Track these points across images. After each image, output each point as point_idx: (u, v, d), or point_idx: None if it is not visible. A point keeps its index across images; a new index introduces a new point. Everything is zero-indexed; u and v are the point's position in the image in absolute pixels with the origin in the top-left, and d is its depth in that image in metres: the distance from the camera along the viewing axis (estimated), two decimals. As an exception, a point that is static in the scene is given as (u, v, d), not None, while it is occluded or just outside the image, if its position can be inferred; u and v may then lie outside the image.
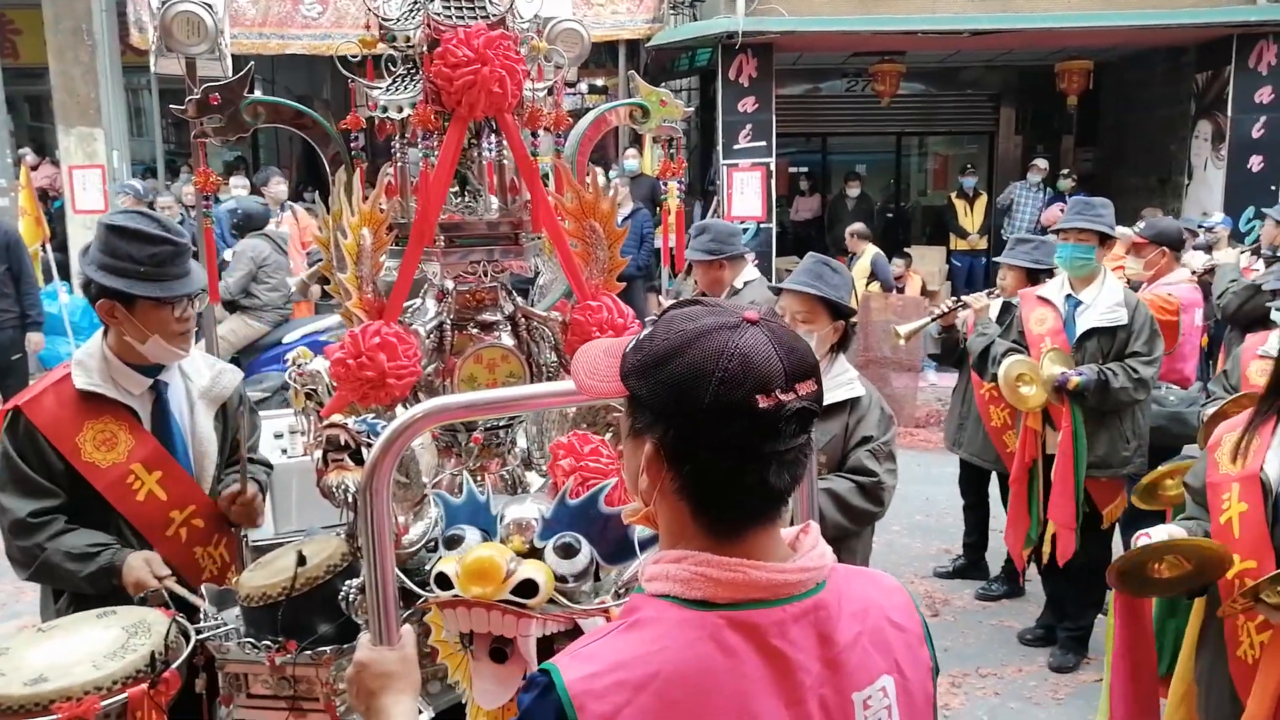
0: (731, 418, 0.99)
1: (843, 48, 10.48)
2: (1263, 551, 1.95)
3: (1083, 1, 9.45)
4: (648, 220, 9.26)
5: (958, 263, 10.76)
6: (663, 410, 1.03)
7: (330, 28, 9.77)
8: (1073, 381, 3.74)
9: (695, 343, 1.01)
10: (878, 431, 2.70)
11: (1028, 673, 4.12)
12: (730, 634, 1.01)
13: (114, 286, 2.17)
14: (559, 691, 0.98)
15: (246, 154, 13.90)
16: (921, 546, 5.48)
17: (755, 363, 1.00)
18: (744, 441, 1.01)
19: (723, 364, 0.99)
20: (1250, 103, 9.61)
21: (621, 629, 1.03)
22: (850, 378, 2.77)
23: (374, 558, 1.26)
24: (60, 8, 10.08)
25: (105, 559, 2.16)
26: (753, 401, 0.99)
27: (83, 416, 2.23)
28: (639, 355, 1.06)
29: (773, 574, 1.03)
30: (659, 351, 1.03)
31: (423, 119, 1.75)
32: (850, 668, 1.06)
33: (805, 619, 1.04)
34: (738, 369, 0.99)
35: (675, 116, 2.24)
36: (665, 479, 1.04)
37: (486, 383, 1.88)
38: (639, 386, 1.05)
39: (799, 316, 2.76)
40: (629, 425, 1.09)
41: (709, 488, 1.03)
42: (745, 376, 0.99)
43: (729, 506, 1.04)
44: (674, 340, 1.03)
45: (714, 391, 0.99)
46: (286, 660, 1.76)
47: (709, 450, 1.01)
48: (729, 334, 1.01)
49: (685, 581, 1.03)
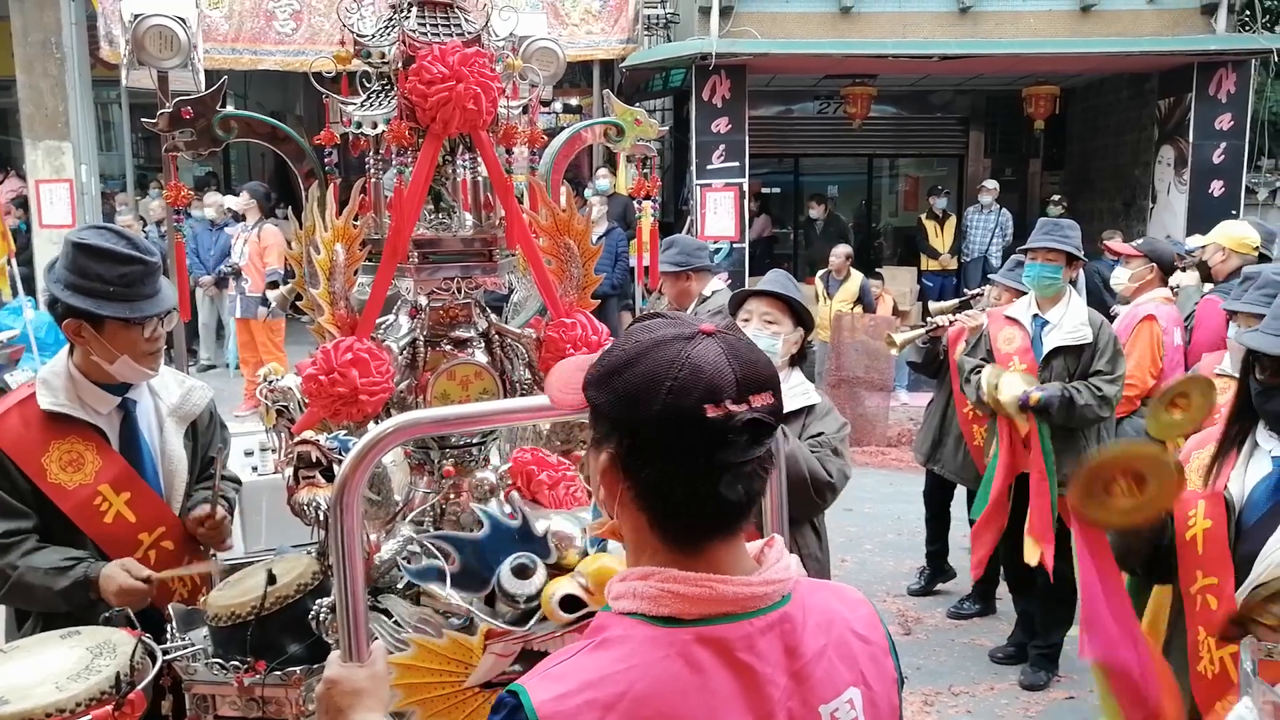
0: (681, 426, 1.00)
1: (815, 70, 10.62)
2: (1224, 568, 1.98)
3: (1049, 28, 9.67)
4: (622, 239, 9.30)
5: (929, 283, 10.89)
6: (617, 419, 1.04)
7: (304, 44, 9.74)
8: (1033, 398, 3.80)
9: (650, 352, 1.03)
10: (832, 430, 2.80)
11: (999, 690, 4.14)
12: (698, 650, 1.01)
13: (81, 307, 2.12)
14: (527, 713, 0.97)
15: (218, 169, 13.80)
16: (894, 565, 5.51)
17: (706, 372, 1.00)
18: (695, 451, 1.01)
19: (673, 373, 1.00)
20: (1211, 129, 9.84)
21: (589, 648, 1.03)
22: (807, 388, 2.87)
23: (344, 576, 1.25)
24: (29, 20, 9.98)
25: (80, 572, 2.11)
26: (701, 410, 0.99)
27: (48, 437, 2.18)
28: (598, 367, 1.08)
29: (739, 588, 1.03)
30: (616, 361, 1.05)
31: (397, 135, 1.75)
32: (816, 680, 1.06)
33: (772, 632, 1.04)
34: (688, 377, 1.00)
35: (650, 136, 2.26)
36: (622, 489, 1.05)
37: (459, 399, 1.88)
38: (596, 396, 1.06)
39: (766, 318, 2.86)
40: (592, 435, 1.10)
41: (664, 498, 1.04)
42: (695, 385, 0.99)
43: (686, 517, 1.04)
44: (631, 350, 1.04)
45: (664, 400, 0.99)
46: (255, 681, 1.74)
47: (660, 459, 1.02)
48: (683, 344, 1.02)
49: (653, 599, 1.03)
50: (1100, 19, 9.64)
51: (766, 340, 2.79)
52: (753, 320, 2.86)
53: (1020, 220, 11.54)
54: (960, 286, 10.56)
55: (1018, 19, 9.68)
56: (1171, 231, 9.67)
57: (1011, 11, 9.69)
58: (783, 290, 2.89)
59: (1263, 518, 1.96)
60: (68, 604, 2.10)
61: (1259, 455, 2.03)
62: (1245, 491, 2.01)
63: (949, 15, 9.67)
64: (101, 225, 2.27)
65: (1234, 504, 2.02)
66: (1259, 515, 1.97)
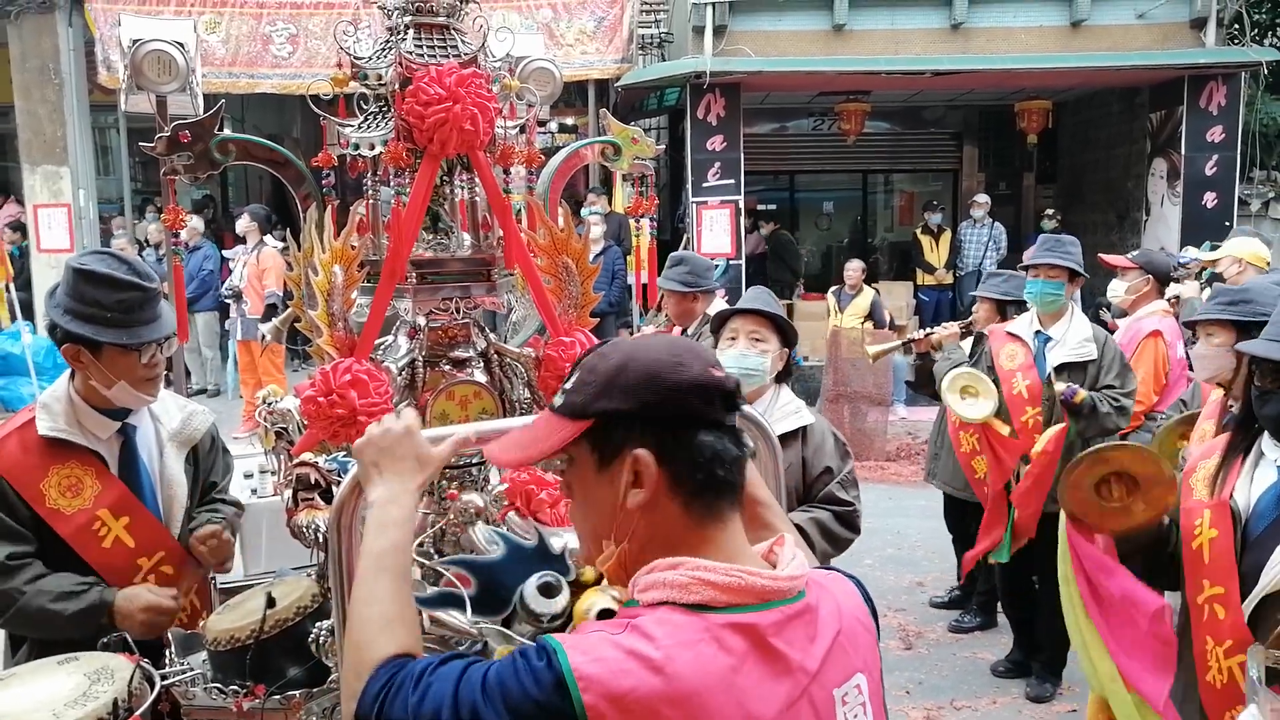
0: (705, 390, 1.08)
1: (809, 87, 10.68)
2: (1230, 577, 1.98)
3: (1040, 43, 9.74)
4: (619, 257, 9.32)
5: (925, 297, 10.91)
6: (640, 409, 1.08)
7: (300, 67, 9.81)
8: (1079, 395, 3.78)
9: (636, 349, 1.11)
10: (838, 461, 2.77)
11: (1002, 704, 4.12)
12: (731, 635, 1.03)
13: (80, 333, 2.12)
14: (562, 667, 0.97)
15: (215, 192, 13.84)
16: (894, 579, 5.49)
17: (693, 348, 1.12)
18: (715, 415, 1.10)
19: (671, 352, 1.09)
20: (1202, 141, 9.89)
21: (624, 629, 1.04)
22: (798, 406, 2.84)
23: (344, 598, 1.24)
24: (27, 46, 10.04)
25: (94, 596, 2.10)
26: (709, 373, 1.09)
27: (48, 462, 2.17)
28: (589, 386, 1.11)
29: (768, 581, 1.07)
30: (609, 369, 1.10)
31: (395, 156, 1.75)
32: (831, 665, 1.10)
33: (798, 620, 1.09)
34: (683, 352, 1.10)
35: (647, 154, 2.27)
36: (661, 481, 1.08)
37: (458, 419, 1.87)
38: (607, 403, 1.09)
39: (754, 336, 2.82)
40: (594, 460, 1.11)
41: (699, 471, 1.08)
42: (694, 357, 1.10)
43: (712, 490, 1.10)
44: (616, 358, 1.11)
45: (682, 373, 1.07)
46: (255, 705, 1.72)
47: (694, 426, 1.08)
48: (657, 338, 1.13)
49: (683, 587, 1.05)
50: (1091, 34, 9.72)
51: (755, 359, 2.76)
52: (739, 339, 2.82)
53: (1015, 234, 11.58)
54: (956, 301, 10.59)
55: (1009, 35, 9.76)
56: (1165, 244, 9.70)
57: (1003, 27, 9.76)
58: (766, 307, 2.87)
59: (1269, 527, 1.96)
60: (77, 631, 2.06)
61: (1265, 465, 2.03)
62: (1251, 501, 2.01)
63: (941, 32, 9.74)
64: (102, 250, 2.27)
65: (1240, 513, 2.01)
66: (1265, 525, 1.97)
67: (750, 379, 2.75)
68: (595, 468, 1.11)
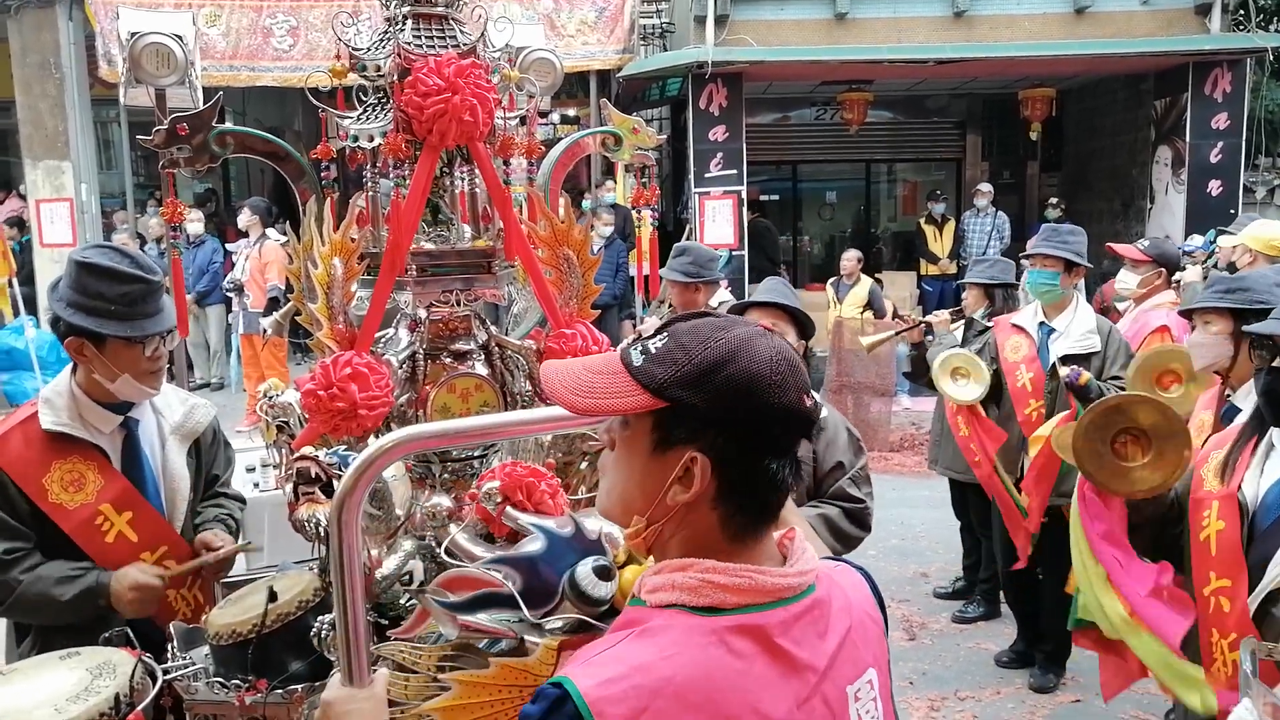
0: (789, 419, 1.04)
1: (811, 77, 10.64)
2: (1237, 570, 1.97)
3: (1043, 31, 9.68)
4: (622, 250, 9.30)
5: (928, 287, 10.88)
6: (719, 417, 1.04)
7: (301, 60, 9.77)
8: (1084, 377, 3.75)
9: (742, 349, 1.04)
10: (851, 456, 2.74)
11: (1005, 694, 4.12)
12: (739, 638, 1.02)
13: (83, 325, 2.12)
14: (575, 701, 0.97)
15: (217, 186, 13.82)
16: (898, 569, 5.49)
17: (796, 365, 1.07)
18: (789, 442, 1.07)
19: (775, 368, 1.04)
20: (1207, 128, 9.84)
21: (631, 638, 1.03)
22: None
23: (344, 593, 1.23)
24: (27, 40, 10.02)
25: (90, 580, 2.11)
26: (801, 402, 1.05)
27: (50, 457, 2.17)
28: (677, 366, 1.04)
29: (777, 579, 1.06)
30: (707, 360, 1.04)
31: (394, 148, 1.74)
32: (843, 662, 1.09)
33: (806, 617, 1.07)
34: (786, 372, 1.05)
35: (648, 145, 2.25)
36: (709, 489, 1.05)
37: (460, 412, 1.87)
38: (689, 396, 1.03)
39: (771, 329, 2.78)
40: (652, 440, 1.06)
41: (749, 491, 1.06)
42: (793, 379, 1.05)
43: (757, 510, 1.07)
44: (718, 348, 1.04)
45: (777, 395, 1.03)
46: (257, 700, 1.72)
47: (761, 452, 1.05)
48: (767, 340, 1.07)
49: (693, 589, 1.04)
50: (1095, 21, 9.66)
51: None
52: None
53: (1019, 223, 11.54)
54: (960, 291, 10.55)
55: (1012, 22, 9.70)
56: (1170, 232, 9.67)
57: (1006, 15, 9.71)
58: (783, 300, 2.85)
59: (1276, 521, 1.95)
60: (76, 615, 2.08)
61: (1275, 457, 2.01)
62: (1260, 493, 2.00)
63: (944, 19, 9.69)
64: (104, 244, 2.27)
65: (1247, 505, 2.00)
66: (1273, 518, 1.96)
67: None
68: (650, 448, 1.07)
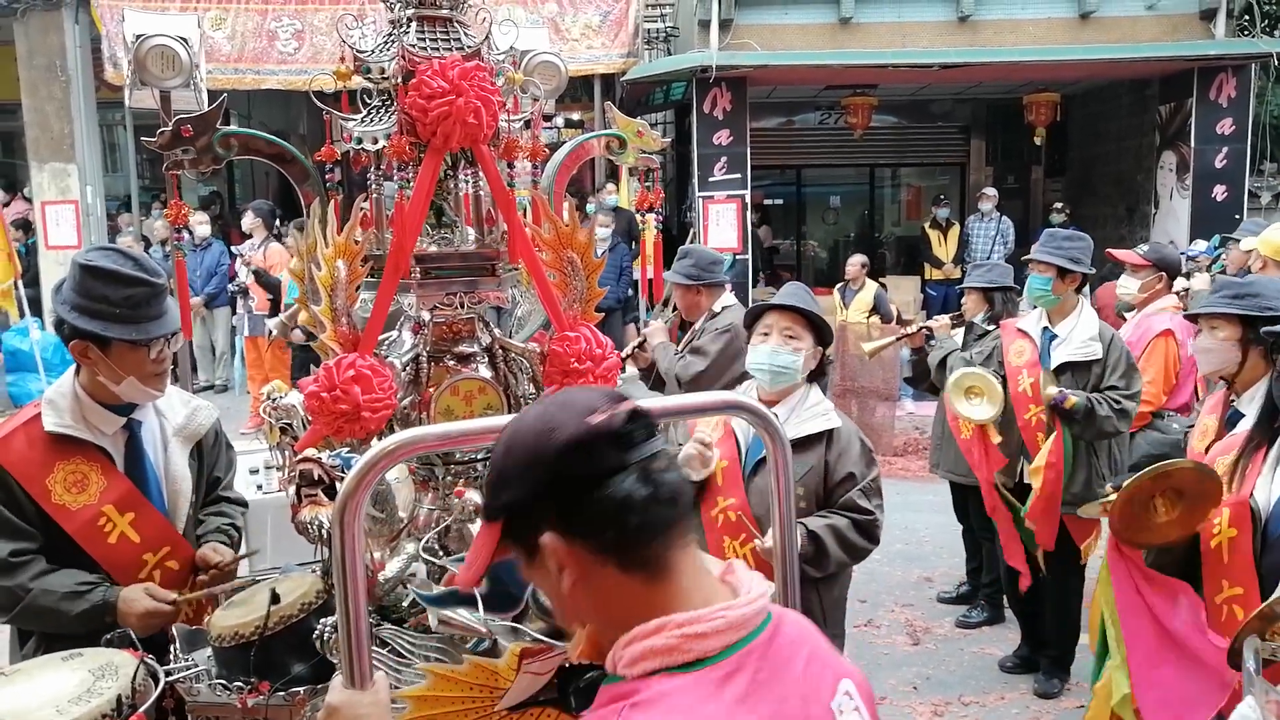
0: (585, 446, 1.03)
1: (815, 81, 10.64)
2: (1249, 578, 1.95)
3: (1048, 35, 9.68)
4: (626, 253, 9.30)
5: (933, 292, 10.86)
6: (534, 490, 1.05)
7: (306, 63, 9.80)
8: (1070, 400, 3.75)
9: (514, 430, 1.09)
10: (863, 468, 2.71)
11: (1010, 700, 4.10)
12: (731, 684, 1.01)
13: (88, 328, 2.12)
14: None
15: (222, 189, 13.85)
16: (902, 575, 5.47)
17: (566, 402, 1.08)
18: (607, 460, 1.03)
19: (543, 420, 1.06)
20: (1212, 133, 9.83)
21: (625, 712, 1.00)
22: (826, 408, 2.76)
23: (346, 595, 1.23)
24: (34, 43, 10.06)
25: (98, 596, 2.11)
26: (586, 424, 1.03)
27: (53, 458, 2.17)
28: (490, 486, 1.11)
29: (743, 609, 1.06)
30: (497, 461, 1.10)
31: (398, 150, 1.74)
32: (816, 680, 1.09)
33: (774, 644, 1.07)
34: (556, 413, 1.06)
35: (652, 148, 2.25)
36: (581, 556, 1.04)
37: (463, 415, 1.86)
38: (506, 496, 1.08)
39: (788, 333, 2.73)
40: (526, 553, 1.08)
41: (617, 526, 1.03)
42: (566, 413, 1.05)
43: (643, 537, 1.04)
44: (500, 448, 1.10)
45: (554, 439, 1.03)
46: (259, 702, 1.72)
47: (588, 487, 1.03)
48: (533, 407, 1.12)
49: (672, 649, 1.01)
50: (1099, 26, 9.66)
51: (788, 357, 2.68)
52: (773, 335, 2.73)
53: (1024, 228, 11.52)
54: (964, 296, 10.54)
55: (1017, 27, 9.70)
56: (1175, 237, 9.65)
57: (1010, 20, 9.71)
58: (802, 304, 2.77)
59: None
60: (84, 628, 2.07)
61: None
62: (1271, 501, 1.98)
63: (948, 24, 9.70)
64: (108, 246, 2.27)
65: (1260, 512, 1.98)
66: None
67: (781, 377, 2.70)
68: (527, 563, 1.08)
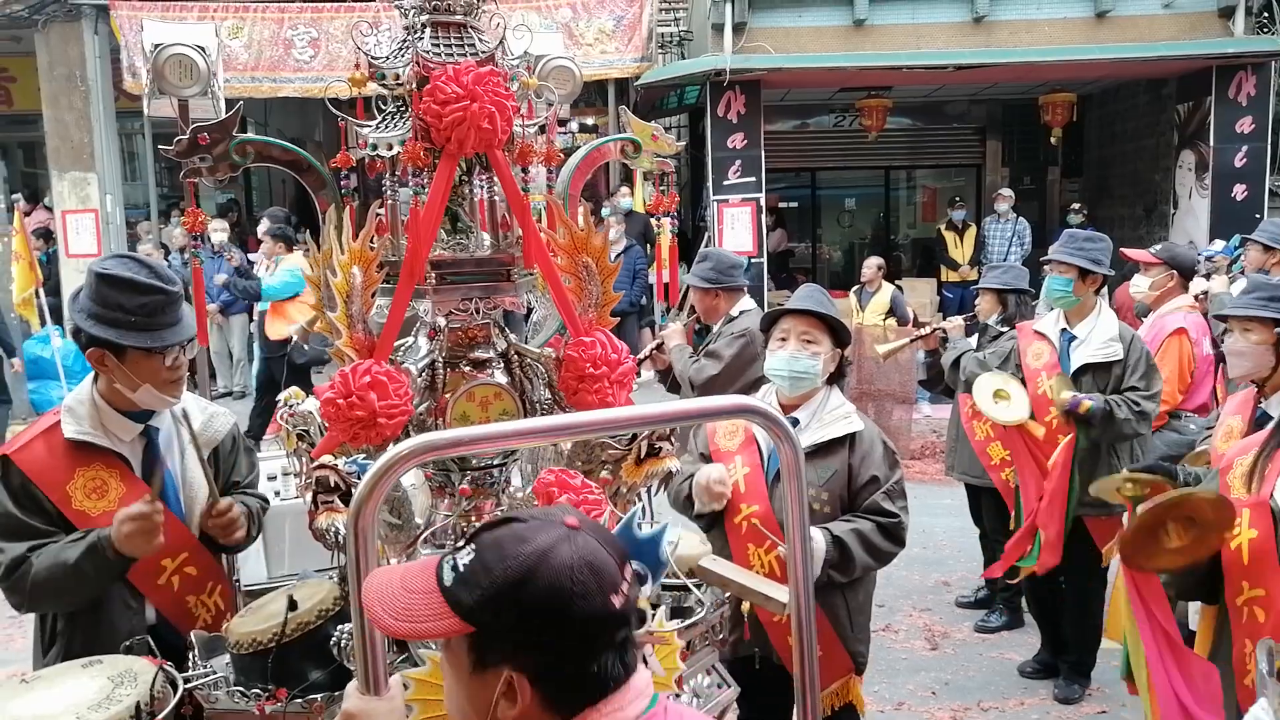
0: (597, 626, 1.03)
1: (830, 83, 10.61)
2: (1271, 578, 1.93)
3: (1064, 35, 9.62)
4: (640, 257, 9.30)
5: (949, 294, 10.80)
6: (526, 639, 1.03)
7: (322, 70, 9.86)
8: (1084, 405, 3.70)
9: (541, 563, 1.03)
10: (886, 470, 2.69)
11: (1029, 705, 4.06)
12: None
13: (104, 336, 2.13)
14: None
15: (239, 197, 13.96)
16: (919, 579, 5.44)
17: (600, 567, 1.04)
18: (607, 640, 1.05)
19: (576, 577, 1.02)
20: (1231, 132, 9.74)
21: None
22: (848, 411, 2.74)
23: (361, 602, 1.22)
24: (54, 54, 10.17)
25: (92, 537, 2.11)
26: (610, 605, 1.03)
27: (73, 464, 2.19)
28: (480, 588, 1.04)
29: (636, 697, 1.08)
30: (507, 579, 1.03)
31: (413, 156, 1.75)
32: None
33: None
34: (589, 579, 1.03)
35: (667, 152, 2.25)
36: (534, 702, 1.04)
37: (479, 420, 1.86)
38: (494, 620, 1.03)
39: (805, 338, 2.71)
40: (469, 660, 1.06)
41: (579, 692, 1.05)
42: (598, 584, 1.03)
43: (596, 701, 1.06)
44: (517, 565, 1.03)
45: (576, 606, 1.02)
46: (277, 709, 1.72)
47: (582, 659, 1.03)
48: (567, 545, 1.04)
49: None
50: (1116, 25, 9.58)
51: (806, 361, 2.66)
52: (790, 340, 2.71)
53: (1040, 229, 11.44)
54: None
55: (1032, 27, 9.64)
56: (1194, 237, 9.56)
57: (1026, 20, 9.65)
58: (819, 308, 2.74)
59: None
60: (93, 573, 2.09)
61: None
62: None
63: (963, 25, 9.65)
64: (124, 254, 2.29)
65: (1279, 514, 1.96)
66: None
67: (800, 383, 2.68)
68: (469, 668, 1.06)
